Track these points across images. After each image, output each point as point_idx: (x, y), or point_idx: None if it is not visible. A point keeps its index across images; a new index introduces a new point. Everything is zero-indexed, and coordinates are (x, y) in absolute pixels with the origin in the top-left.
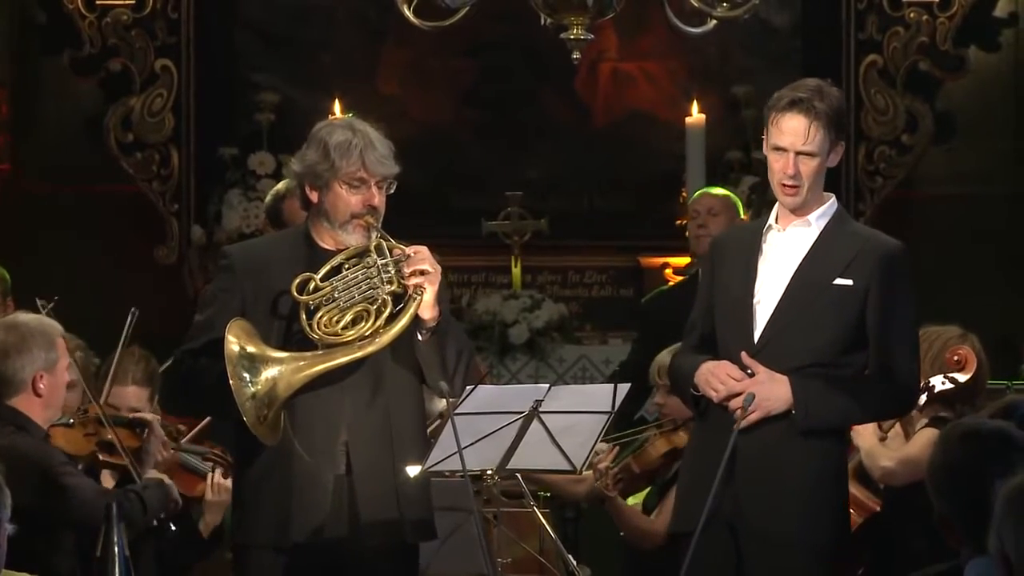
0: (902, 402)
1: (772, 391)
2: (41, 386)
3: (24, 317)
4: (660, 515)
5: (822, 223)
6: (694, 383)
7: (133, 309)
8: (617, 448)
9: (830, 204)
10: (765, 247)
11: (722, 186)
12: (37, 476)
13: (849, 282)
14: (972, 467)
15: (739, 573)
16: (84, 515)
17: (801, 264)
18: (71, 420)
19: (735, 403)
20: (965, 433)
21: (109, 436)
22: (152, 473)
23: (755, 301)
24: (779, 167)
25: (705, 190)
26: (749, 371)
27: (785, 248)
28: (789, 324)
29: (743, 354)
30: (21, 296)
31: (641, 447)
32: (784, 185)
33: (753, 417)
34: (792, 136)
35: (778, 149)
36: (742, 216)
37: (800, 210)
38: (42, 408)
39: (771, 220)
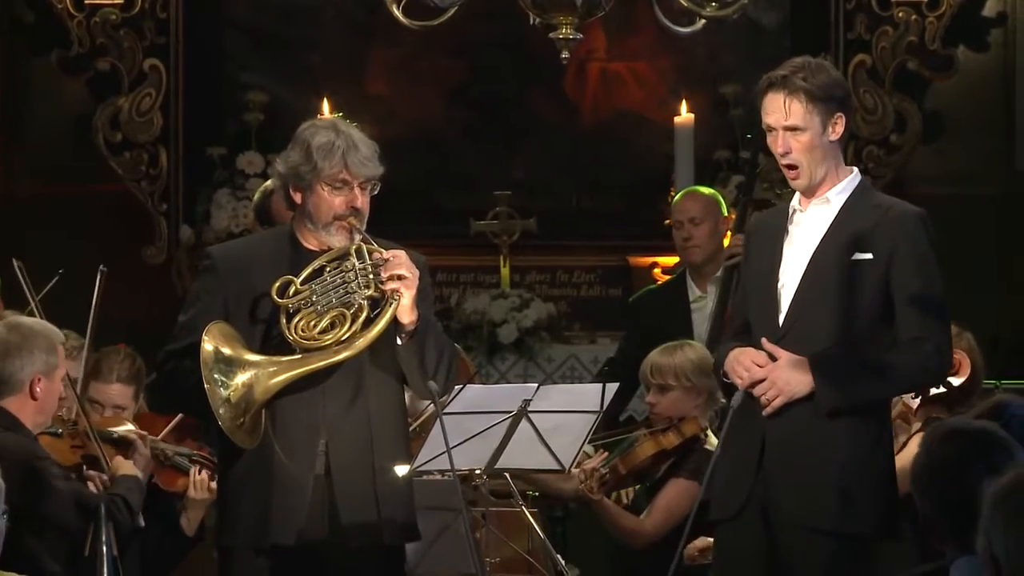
0: (934, 369)
1: (792, 375)
2: (38, 389)
3: (28, 320)
4: (649, 515)
5: (842, 199)
6: (724, 370)
7: (101, 267)
8: (605, 452)
9: (851, 179)
10: (791, 228)
11: (707, 185)
12: (25, 476)
13: (868, 256)
14: (956, 467)
15: (773, 560)
16: (69, 518)
17: (820, 243)
18: (59, 431)
19: (759, 390)
20: (948, 433)
21: (96, 453)
22: (121, 465)
23: (780, 285)
24: (773, 147)
25: (685, 193)
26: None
27: (807, 229)
28: (811, 305)
29: (763, 340)
30: (10, 298)
31: (629, 448)
32: (785, 167)
33: (776, 403)
34: (774, 114)
35: (769, 130)
36: (726, 215)
37: (817, 189)
38: (35, 412)
39: (795, 202)
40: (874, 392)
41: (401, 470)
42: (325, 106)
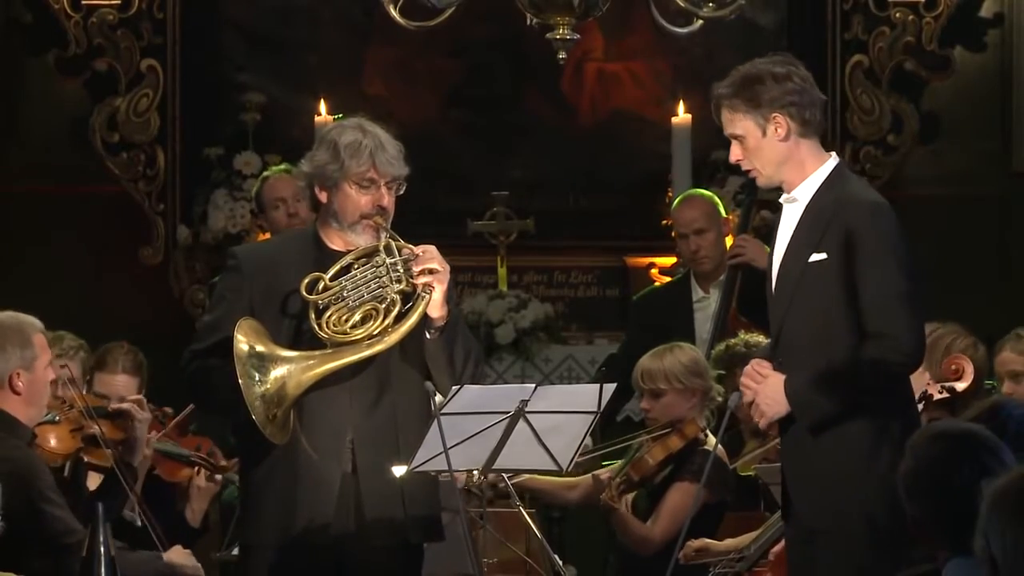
0: (897, 359)
1: (772, 396)
2: (19, 384)
3: (0, 315)
4: (656, 521)
5: (808, 195)
6: None
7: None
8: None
9: (818, 173)
10: (780, 222)
11: (705, 186)
12: (21, 493)
13: (823, 256)
14: (942, 469)
15: (807, 560)
16: (53, 544)
17: (787, 246)
18: (57, 417)
19: (751, 408)
20: (934, 436)
21: (93, 430)
22: (176, 554)
23: (772, 287)
24: None
25: (684, 201)
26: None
27: (783, 229)
28: (786, 311)
29: (752, 360)
30: (5, 294)
31: (638, 455)
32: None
33: (762, 423)
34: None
35: None
36: (725, 216)
37: (786, 186)
38: (24, 406)
39: (782, 198)
40: (843, 402)
41: (399, 470)
42: (322, 106)
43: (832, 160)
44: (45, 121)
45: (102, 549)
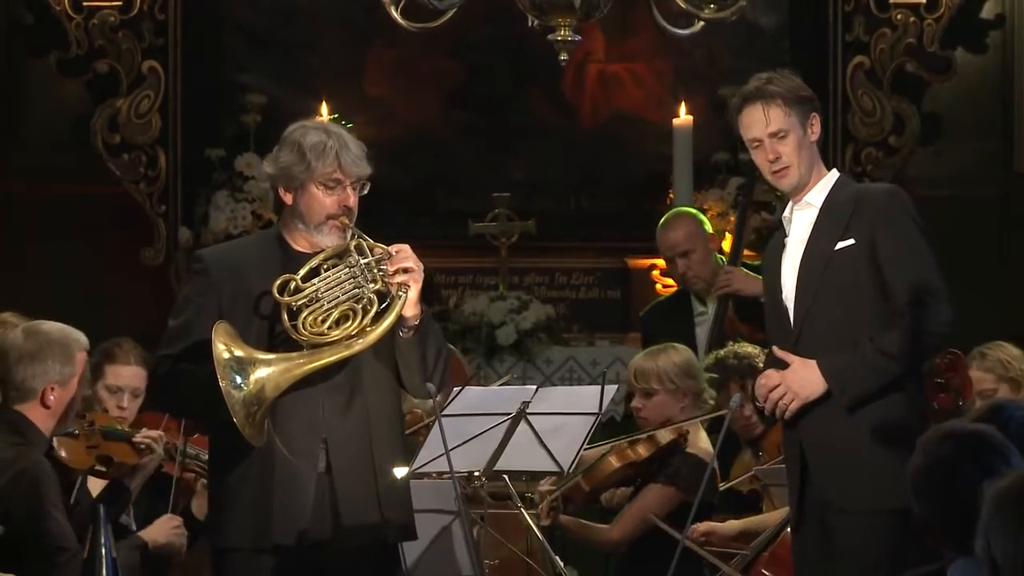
0: (941, 332)
1: (805, 378)
2: (51, 398)
3: (48, 325)
4: (618, 522)
5: (822, 198)
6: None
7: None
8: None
9: (828, 177)
10: (786, 240)
11: (706, 187)
12: (28, 497)
13: (851, 242)
14: (950, 469)
15: (832, 551)
16: (46, 553)
17: (807, 243)
18: (75, 431)
19: (775, 395)
20: (943, 436)
21: (109, 451)
22: (157, 532)
23: (784, 296)
24: (761, 159)
25: (665, 225)
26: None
27: (796, 234)
28: (812, 303)
29: (774, 348)
30: (5, 294)
31: (594, 464)
32: (774, 172)
33: (793, 406)
34: (757, 126)
35: (753, 144)
36: (711, 230)
37: (800, 192)
38: (48, 419)
39: (786, 212)
40: (885, 374)
41: (400, 471)
42: (323, 108)
43: (834, 170)
44: (46, 122)
45: (103, 551)
